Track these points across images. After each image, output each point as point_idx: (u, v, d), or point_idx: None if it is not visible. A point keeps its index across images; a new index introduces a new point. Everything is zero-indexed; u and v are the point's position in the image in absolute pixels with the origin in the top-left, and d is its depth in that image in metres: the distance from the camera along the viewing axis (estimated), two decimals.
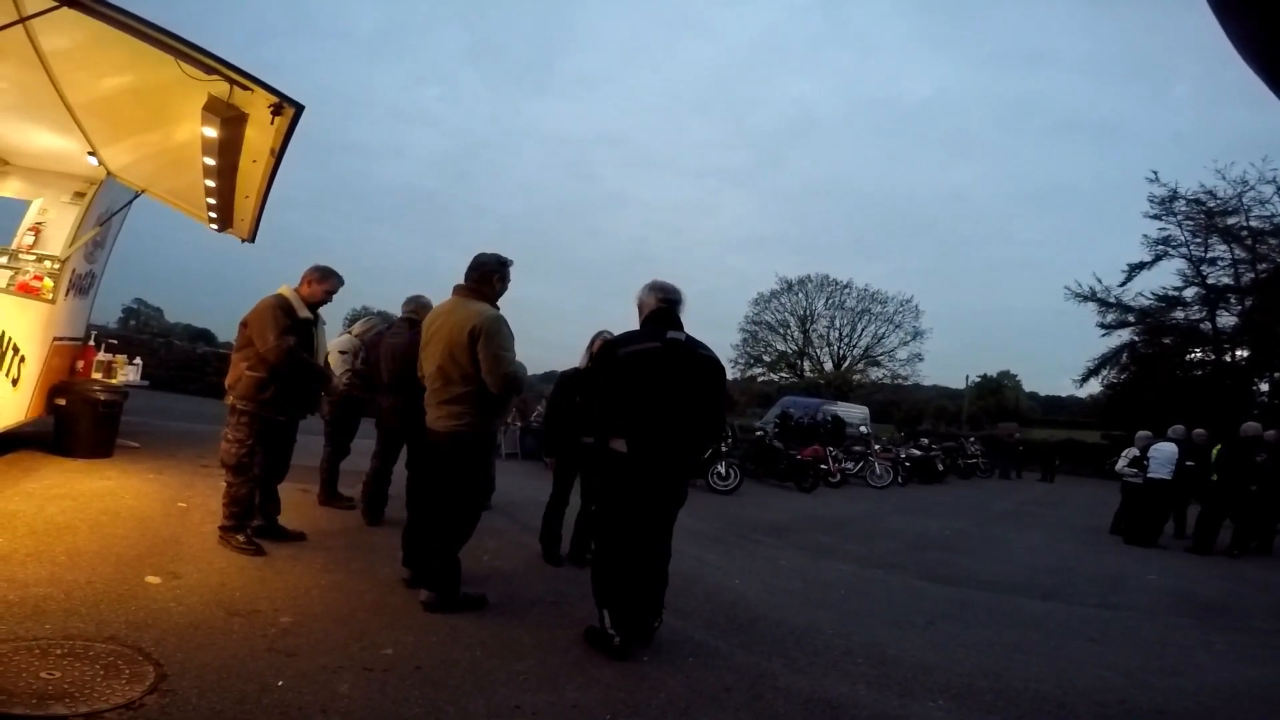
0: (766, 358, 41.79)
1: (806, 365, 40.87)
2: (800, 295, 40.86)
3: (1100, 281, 26.03)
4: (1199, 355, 25.07)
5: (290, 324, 4.03)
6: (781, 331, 41.50)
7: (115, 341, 7.26)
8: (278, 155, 4.14)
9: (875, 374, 40.25)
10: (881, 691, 3.05)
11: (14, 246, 5.83)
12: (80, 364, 6.26)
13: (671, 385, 3.19)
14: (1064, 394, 41.75)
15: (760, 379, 41.50)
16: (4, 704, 2.00)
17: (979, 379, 45.05)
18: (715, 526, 7.21)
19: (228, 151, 4.24)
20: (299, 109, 3.55)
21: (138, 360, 7.22)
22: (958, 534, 8.82)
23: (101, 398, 5.89)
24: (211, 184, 4.93)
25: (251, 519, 4.09)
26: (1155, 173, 24.08)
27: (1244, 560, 8.11)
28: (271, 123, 3.64)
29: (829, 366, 40.28)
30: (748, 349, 41.76)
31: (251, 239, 6.18)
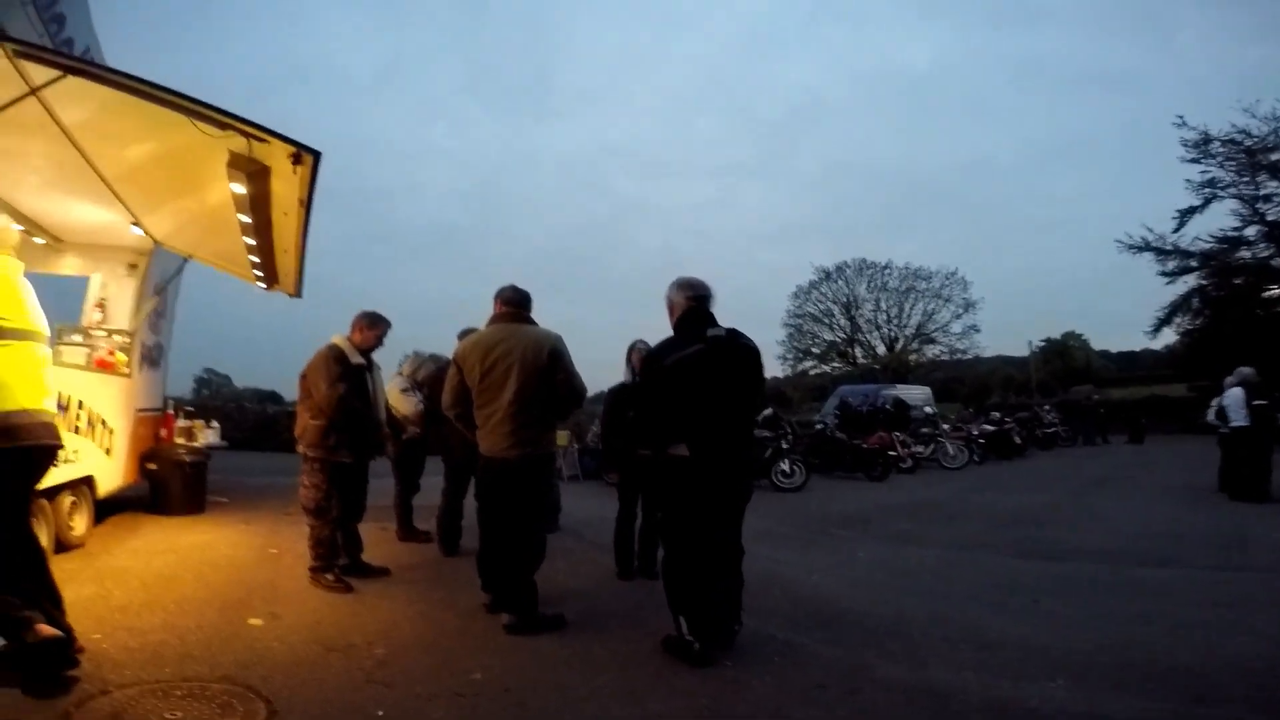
0: (815, 349, 41.04)
1: (858, 352, 39.94)
2: (840, 282, 40.03)
3: (1152, 230, 24.94)
4: (1276, 292, 23.68)
5: (342, 371, 4.18)
6: (827, 321, 40.70)
7: (191, 408, 7.65)
8: (307, 205, 4.17)
9: (932, 351, 39.02)
10: (990, 675, 2.88)
11: (84, 324, 6.15)
12: (163, 431, 6.63)
13: (722, 382, 3.15)
14: (1138, 348, 39.56)
15: (812, 371, 40.78)
16: None
17: (1043, 343, 43.02)
18: (786, 524, 7.06)
19: (259, 207, 4.30)
20: (317, 155, 3.56)
21: (214, 423, 7.59)
22: (1048, 507, 8.37)
23: (187, 459, 6.26)
24: (251, 241, 5.02)
25: (337, 558, 4.25)
26: (1181, 117, 23.33)
27: None
28: (294, 172, 3.65)
29: (882, 350, 39.26)
30: (794, 343, 41.10)
31: (298, 293, 6.30)
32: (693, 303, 3.30)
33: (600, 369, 5.10)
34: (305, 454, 4.21)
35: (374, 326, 4.45)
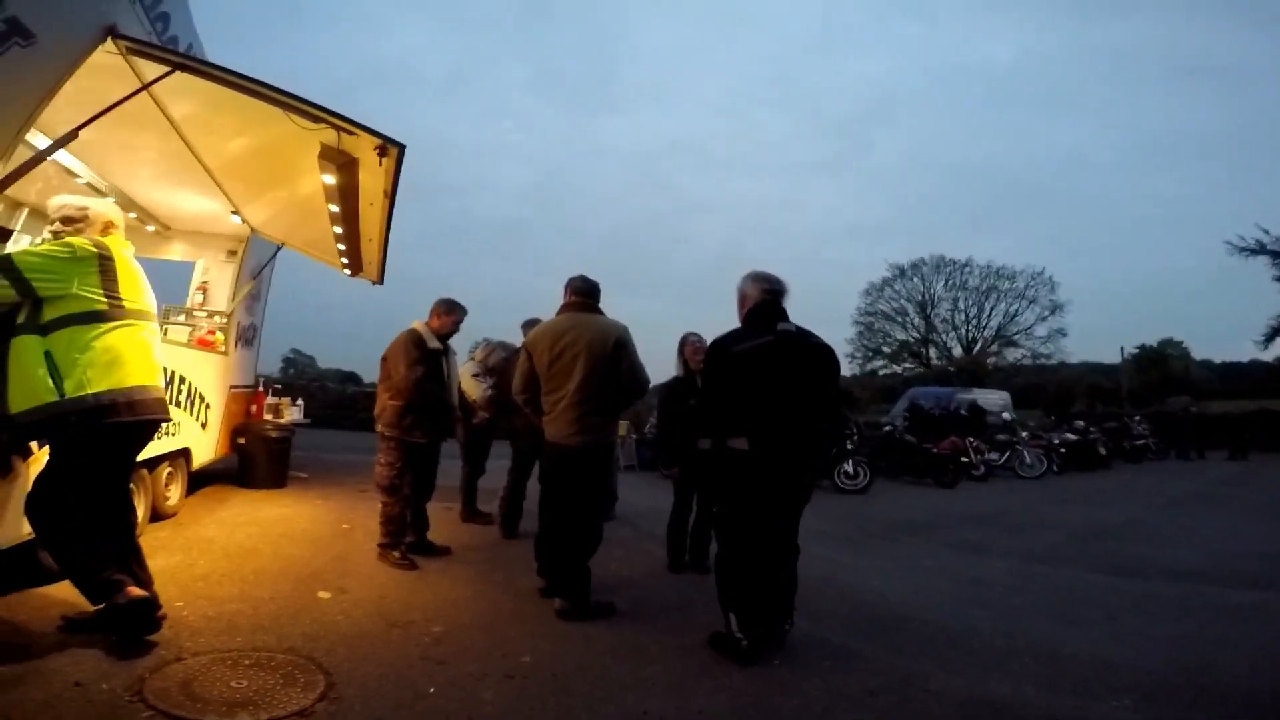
0: (886, 349, 39.75)
1: (932, 353, 38.45)
2: (915, 280, 38.73)
3: (1268, 232, 22.93)
4: None
5: (420, 355, 4.36)
6: (900, 320, 39.42)
7: (279, 386, 8.13)
8: (391, 196, 4.32)
9: (1013, 355, 37.20)
10: (1053, 691, 2.75)
11: (188, 305, 6.67)
12: (253, 408, 7.07)
13: (788, 378, 3.09)
14: (1245, 359, 36.24)
15: (882, 372, 39.51)
16: (199, 710, 2.26)
17: (1137, 350, 40.06)
18: (847, 527, 6.88)
19: (347, 197, 4.51)
20: (401, 148, 3.69)
21: (300, 401, 8.04)
22: (1132, 522, 7.83)
23: (274, 435, 6.68)
24: (339, 230, 5.25)
25: (405, 536, 4.45)
26: None
27: None
28: (380, 164, 3.80)
29: (958, 352, 37.66)
30: (864, 342, 40.04)
31: (380, 280, 6.61)
32: (767, 295, 3.25)
33: (661, 363, 5.11)
34: (382, 433, 4.42)
35: (450, 313, 4.63)
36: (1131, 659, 3.18)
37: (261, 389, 7.47)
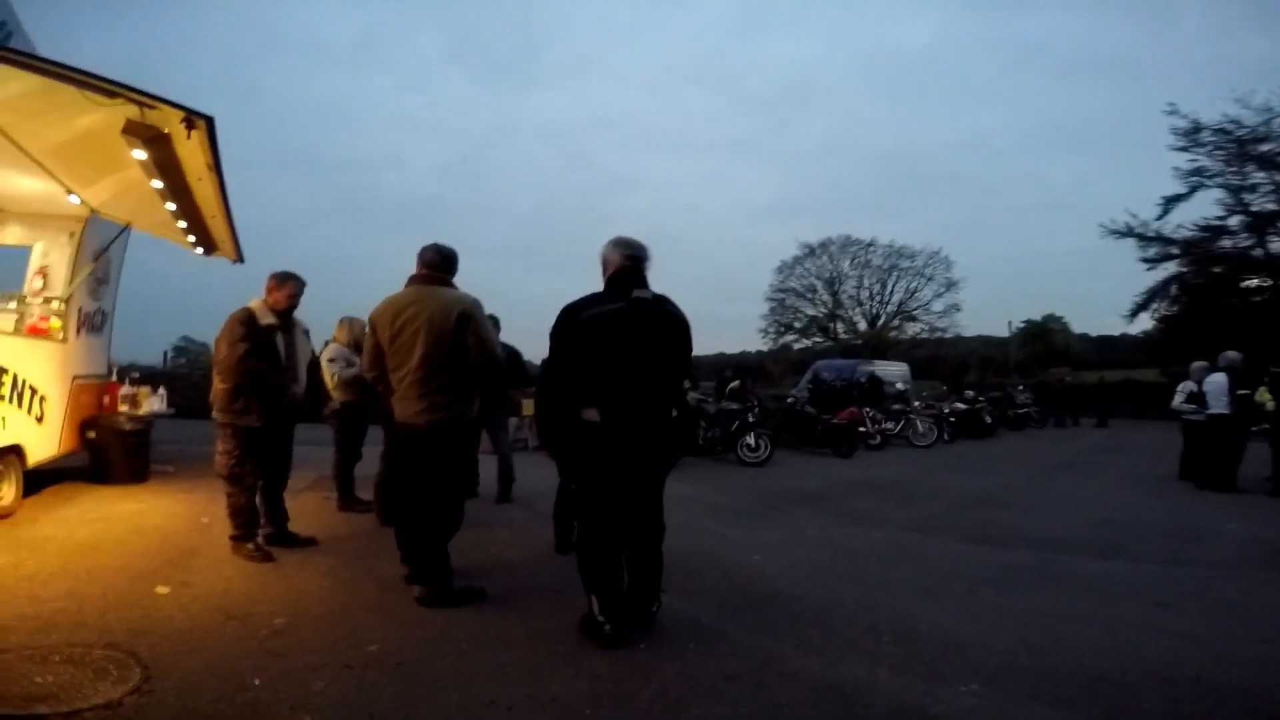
0: (797, 324, 41.40)
1: (840, 328, 40.23)
2: (824, 258, 40.49)
3: (1135, 216, 25.19)
4: (1255, 282, 24.12)
5: (247, 332, 4.06)
6: (809, 296, 41.09)
7: (137, 375, 7.48)
8: (216, 169, 4.12)
9: (913, 329, 39.53)
10: (904, 674, 2.76)
11: (24, 292, 6.06)
12: (106, 399, 6.50)
13: (641, 346, 2.99)
14: (1116, 332, 39.87)
15: (795, 346, 41.12)
16: None
17: (1023, 324, 43.28)
18: (742, 500, 7.00)
19: (170, 173, 4.25)
20: (209, 121, 3.51)
21: (162, 391, 7.38)
22: (1008, 489, 8.34)
23: (127, 428, 6.18)
24: (172, 206, 4.93)
25: (257, 527, 4.18)
26: (1173, 105, 23.50)
27: None
28: (188, 137, 3.59)
29: (863, 326, 39.58)
30: (776, 317, 41.51)
31: (239, 258, 6.22)
32: (628, 262, 3.13)
33: None
34: (216, 419, 4.12)
35: (282, 286, 4.30)
36: (984, 636, 3.20)
37: (115, 379, 6.85)
